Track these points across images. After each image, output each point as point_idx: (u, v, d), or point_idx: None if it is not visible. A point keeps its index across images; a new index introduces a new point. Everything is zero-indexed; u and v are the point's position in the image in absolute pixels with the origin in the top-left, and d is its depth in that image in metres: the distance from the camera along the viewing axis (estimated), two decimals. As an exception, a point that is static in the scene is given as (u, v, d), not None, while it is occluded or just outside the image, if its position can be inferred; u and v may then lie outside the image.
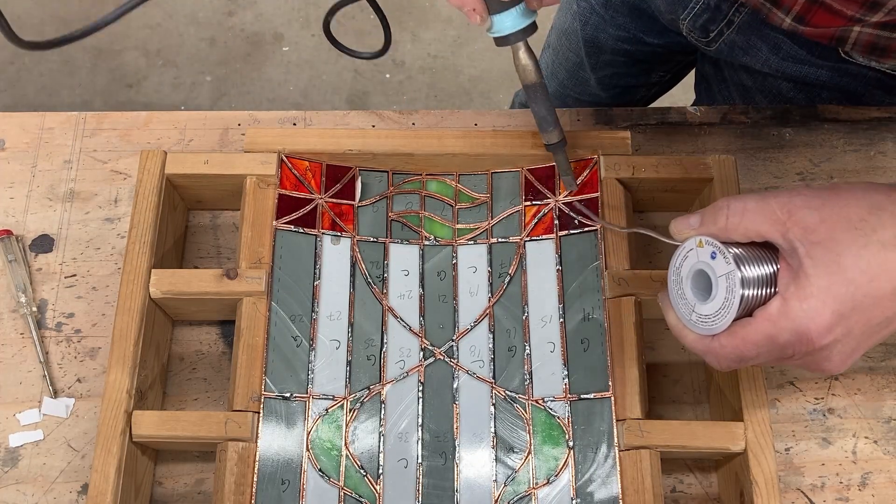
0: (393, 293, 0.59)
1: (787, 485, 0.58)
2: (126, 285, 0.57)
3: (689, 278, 0.48)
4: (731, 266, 0.45)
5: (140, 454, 0.56)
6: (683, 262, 0.48)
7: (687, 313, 0.48)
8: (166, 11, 1.70)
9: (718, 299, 0.46)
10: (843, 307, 0.42)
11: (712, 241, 0.46)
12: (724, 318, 0.45)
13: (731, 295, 0.45)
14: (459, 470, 0.55)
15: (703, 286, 0.47)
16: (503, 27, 0.52)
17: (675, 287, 0.49)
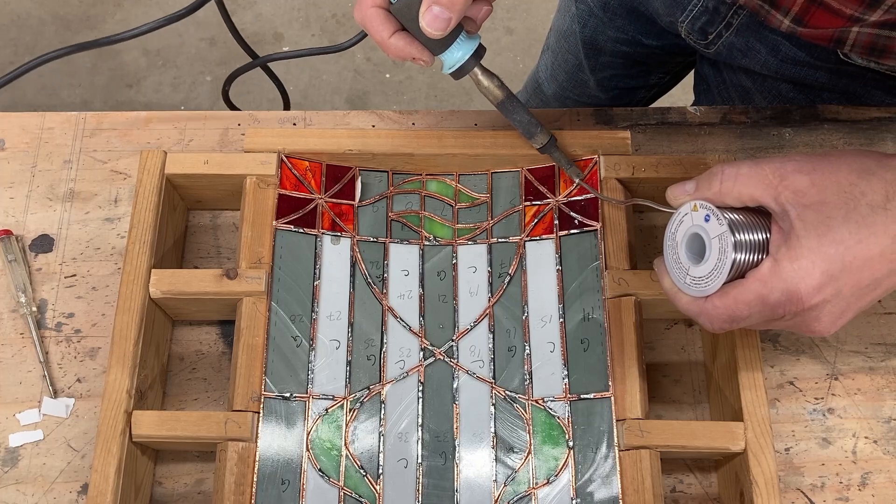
0: (393, 293, 0.59)
1: (787, 485, 0.58)
2: (126, 285, 0.57)
3: (683, 242, 0.49)
4: (723, 227, 0.46)
5: (140, 454, 0.56)
6: (679, 227, 0.49)
7: (681, 277, 0.49)
8: (166, 11, 1.70)
9: (711, 260, 0.47)
10: (833, 268, 0.43)
11: (706, 205, 0.47)
12: (717, 278, 0.46)
13: (723, 256, 0.46)
14: (459, 470, 0.55)
15: (697, 250, 0.48)
16: (453, 62, 0.52)
17: (670, 252, 0.50)
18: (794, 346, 0.62)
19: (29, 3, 1.70)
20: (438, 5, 0.48)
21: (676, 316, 0.62)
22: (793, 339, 0.62)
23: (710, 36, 0.71)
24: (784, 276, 0.44)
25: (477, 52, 0.52)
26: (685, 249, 0.49)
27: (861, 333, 0.62)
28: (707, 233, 0.47)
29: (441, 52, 0.52)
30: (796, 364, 0.61)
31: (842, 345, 0.62)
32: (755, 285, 0.45)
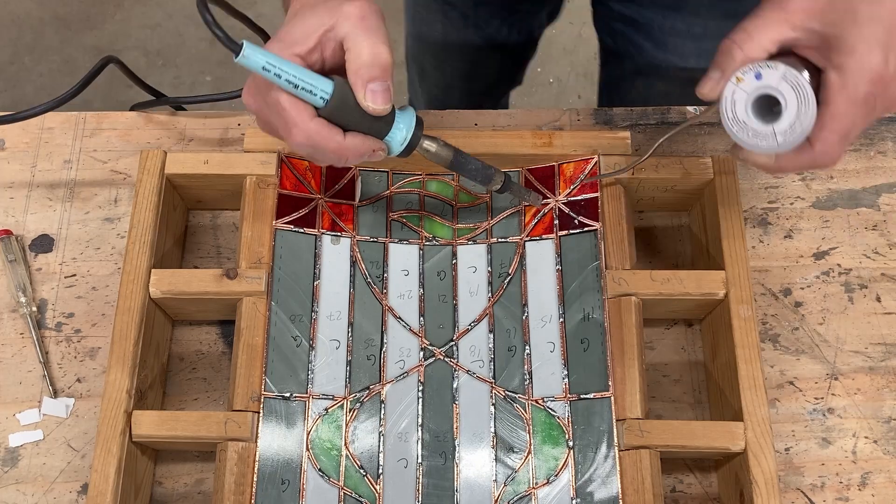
0: (393, 293, 0.59)
1: (787, 485, 0.58)
2: (126, 285, 0.57)
3: (749, 113, 0.48)
4: (781, 67, 0.46)
5: (140, 454, 0.56)
6: (735, 108, 0.48)
7: (771, 143, 0.48)
8: (166, 11, 1.70)
9: (791, 102, 0.46)
10: (882, 37, 0.45)
11: (749, 66, 0.47)
12: (808, 113, 0.46)
13: (799, 88, 0.46)
14: (459, 470, 0.55)
15: (767, 111, 0.48)
16: (402, 138, 0.51)
17: (744, 134, 0.48)
18: (794, 346, 0.62)
19: (29, 3, 1.70)
20: (374, 81, 0.47)
21: (676, 316, 0.62)
22: (793, 339, 0.62)
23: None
24: (855, 69, 0.45)
25: (418, 123, 0.51)
26: (756, 119, 0.48)
27: (861, 333, 0.62)
28: (769, 86, 0.47)
29: (388, 134, 0.50)
30: (796, 364, 0.61)
31: (842, 345, 0.62)
32: (840, 95, 0.45)
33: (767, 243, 0.65)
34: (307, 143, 0.48)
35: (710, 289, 0.57)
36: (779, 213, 0.66)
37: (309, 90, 0.47)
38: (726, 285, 0.57)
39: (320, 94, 0.47)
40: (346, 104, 0.48)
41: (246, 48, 0.46)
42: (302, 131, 0.48)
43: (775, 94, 0.47)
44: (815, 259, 0.64)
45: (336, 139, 0.48)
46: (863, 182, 0.67)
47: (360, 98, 0.47)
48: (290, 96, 0.47)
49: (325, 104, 0.48)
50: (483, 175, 0.56)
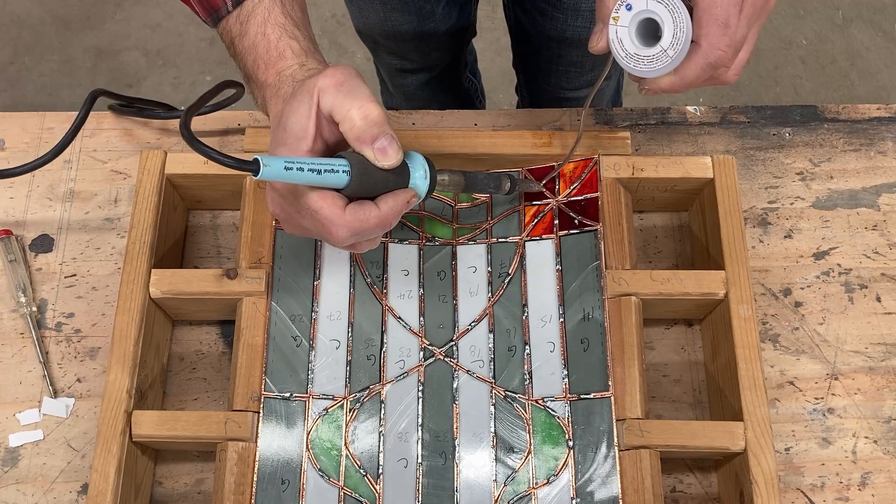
0: (393, 293, 0.59)
1: (787, 484, 0.58)
2: (126, 285, 0.57)
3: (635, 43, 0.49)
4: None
5: (140, 454, 0.56)
6: (622, 44, 0.50)
7: (665, 60, 0.49)
8: (166, 11, 1.70)
9: (665, 15, 0.48)
10: None
11: (618, 3, 0.49)
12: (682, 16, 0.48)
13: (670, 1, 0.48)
14: (459, 470, 0.55)
15: (650, 35, 0.49)
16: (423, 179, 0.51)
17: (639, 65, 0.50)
18: (795, 346, 0.62)
19: (29, 3, 1.70)
20: (378, 138, 0.47)
21: (676, 316, 0.62)
22: (793, 339, 0.62)
23: None
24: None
25: (429, 165, 0.51)
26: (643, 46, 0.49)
27: (861, 333, 0.62)
28: (641, 9, 0.49)
29: (410, 181, 0.50)
30: (796, 364, 0.61)
31: (842, 345, 0.62)
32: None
33: (767, 243, 0.65)
34: (352, 234, 0.48)
35: (710, 289, 0.57)
36: (779, 213, 0.66)
37: (332, 170, 0.46)
38: (726, 285, 0.57)
39: (341, 170, 0.47)
40: (367, 171, 0.47)
41: (262, 160, 0.45)
42: (343, 226, 0.48)
43: (648, 14, 0.49)
44: (815, 259, 0.64)
45: (374, 214, 0.48)
46: (863, 182, 0.67)
47: (372, 159, 0.47)
48: (319, 194, 0.47)
49: (349, 178, 0.47)
50: (494, 184, 0.57)
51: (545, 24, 0.87)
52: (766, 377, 0.56)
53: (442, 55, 1.02)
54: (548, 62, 0.94)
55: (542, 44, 0.91)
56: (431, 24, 0.93)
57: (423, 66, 1.03)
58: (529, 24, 0.90)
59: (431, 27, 0.93)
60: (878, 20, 1.66)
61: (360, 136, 0.47)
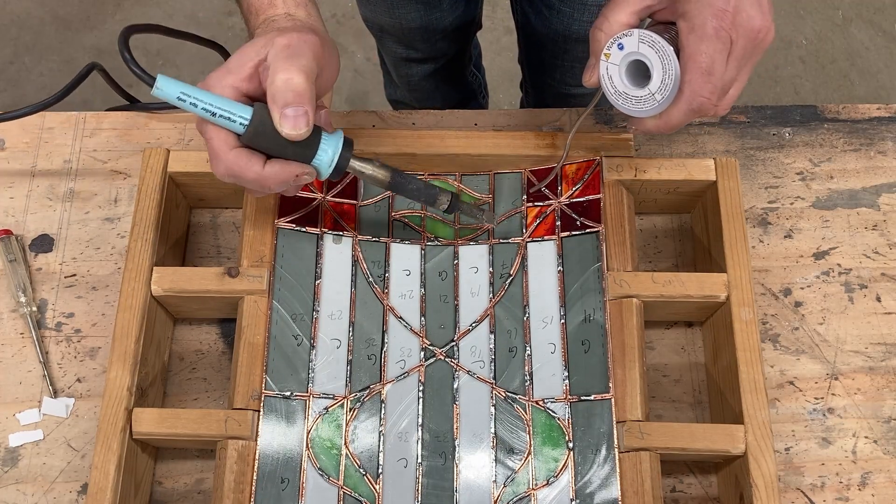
0: (394, 293, 0.59)
1: (787, 484, 0.58)
2: (128, 283, 0.57)
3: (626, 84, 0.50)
4: (633, 32, 0.49)
5: (140, 451, 0.56)
6: (612, 82, 0.50)
7: (652, 103, 0.50)
8: (166, 11, 1.70)
9: (654, 59, 0.48)
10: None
11: (611, 42, 0.50)
12: (671, 63, 0.48)
13: (655, 43, 0.48)
14: (459, 470, 0.55)
15: (641, 76, 0.50)
16: (328, 160, 0.50)
17: (627, 104, 0.50)
18: (795, 346, 0.62)
19: (29, 3, 1.70)
20: (289, 106, 0.47)
21: (677, 318, 0.62)
22: (793, 339, 0.62)
23: None
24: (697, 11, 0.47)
25: (346, 143, 0.51)
26: (633, 87, 0.50)
27: (861, 333, 0.62)
28: (632, 52, 0.49)
29: (313, 158, 0.50)
30: (796, 364, 0.61)
31: (842, 345, 0.62)
32: (690, 37, 0.48)
33: (767, 243, 0.65)
34: (227, 174, 0.49)
35: (712, 291, 0.57)
36: (779, 213, 0.66)
37: (227, 117, 0.48)
38: (728, 288, 0.57)
39: (240, 120, 0.48)
40: (265, 129, 0.48)
41: (159, 80, 0.47)
42: (222, 162, 0.49)
43: (639, 57, 0.49)
44: (815, 259, 0.64)
45: (254, 169, 0.49)
46: (863, 182, 0.67)
47: (276, 122, 0.48)
48: (214, 127, 0.49)
49: (244, 130, 0.48)
50: (426, 195, 0.55)
51: (552, 17, 0.87)
52: (766, 377, 0.56)
53: (447, 46, 1.02)
54: (553, 57, 0.94)
55: (548, 38, 0.91)
56: (438, 14, 0.93)
57: (428, 56, 1.03)
58: (536, 17, 0.91)
59: (438, 17, 0.94)
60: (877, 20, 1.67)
61: (274, 97, 0.48)
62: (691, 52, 0.48)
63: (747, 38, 0.48)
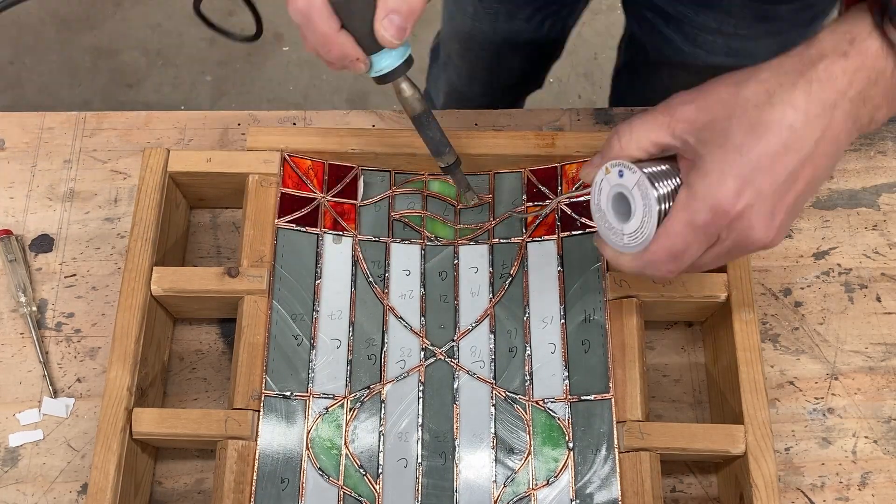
0: (394, 293, 0.59)
1: (787, 484, 0.58)
2: (128, 282, 0.57)
3: (609, 206, 0.49)
4: (637, 173, 0.46)
5: (140, 451, 0.56)
6: (600, 196, 0.49)
7: (618, 240, 0.49)
8: (166, 11, 1.70)
9: (638, 209, 0.47)
10: (743, 170, 0.43)
11: (617, 162, 0.48)
12: (649, 224, 0.46)
13: (647, 199, 0.46)
14: (459, 470, 0.55)
15: (625, 209, 0.48)
16: (383, 66, 0.50)
17: (602, 223, 0.50)
18: (795, 346, 0.62)
19: (29, 3, 1.70)
20: (398, 14, 0.47)
21: (678, 318, 0.62)
22: (793, 339, 0.62)
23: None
24: (700, 195, 0.44)
25: (407, 61, 0.51)
26: (613, 213, 0.49)
27: (861, 333, 0.62)
28: (625, 187, 0.47)
29: (375, 53, 0.50)
30: (796, 364, 0.61)
31: (842, 345, 0.62)
32: (679, 214, 0.45)
33: (768, 244, 0.65)
34: (302, 12, 0.47)
35: (712, 291, 0.57)
36: (779, 214, 0.66)
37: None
38: (728, 288, 0.57)
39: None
40: (354, 3, 0.47)
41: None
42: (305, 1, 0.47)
43: (628, 196, 0.47)
44: (815, 259, 0.64)
45: (330, 26, 0.47)
46: (863, 182, 0.67)
47: (378, 19, 0.47)
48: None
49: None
50: (437, 147, 0.55)
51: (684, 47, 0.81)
52: (766, 377, 0.56)
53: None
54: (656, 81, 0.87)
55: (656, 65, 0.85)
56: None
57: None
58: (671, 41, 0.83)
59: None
60: (877, 21, 1.66)
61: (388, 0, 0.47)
62: (670, 229, 0.45)
63: (738, 243, 0.45)
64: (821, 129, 0.43)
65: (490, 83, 0.99)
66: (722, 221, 0.44)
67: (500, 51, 0.92)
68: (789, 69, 0.44)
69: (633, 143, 0.47)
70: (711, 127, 0.44)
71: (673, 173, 0.47)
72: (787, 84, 0.43)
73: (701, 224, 0.44)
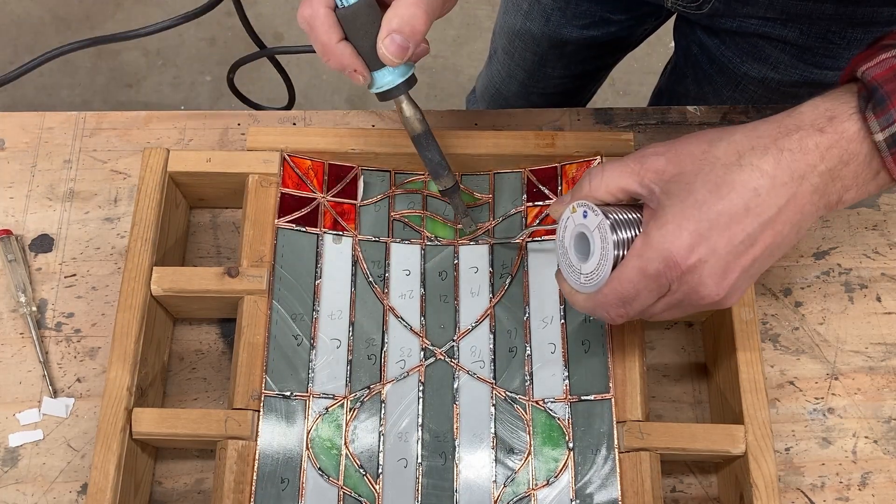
0: (394, 293, 0.59)
1: (787, 484, 0.58)
2: (127, 282, 0.57)
3: (571, 245, 0.50)
4: (599, 216, 0.47)
5: (140, 451, 0.56)
6: (565, 233, 0.50)
7: (576, 278, 0.49)
8: (166, 12, 1.70)
9: (596, 251, 0.47)
10: (700, 227, 0.44)
11: (583, 203, 0.49)
12: (604, 267, 0.47)
13: (605, 242, 0.47)
14: (459, 470, 0.55)
15: (585, 249, 0.49)
16: (384, 82, 0.51)
17: (563, 260, 0.51)
18: (794, 346, 0.62)
19: (29, 3, 1.70)
20: (400, 34, 0.47)
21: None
22: (793, 339, 0.62)
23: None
24: (655, 244, 0.44)
25: (409, 80, 0.52)
26: (574, 251, 0.50)
27: (861, 333, 0.62)
28: (587, 227, 0.48)
29: (377, 69, 0.51)
30: (796, 364, 0.61)
31: (842, 345, 0.62)
32: (632, 261, 0.45)
33: (768, 244, 0.65)
34: (307, 20, 0.49)
35: (711, 289, 0.57)
36: (779, 214, 0.66)
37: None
38: (727, 286, 0.57)
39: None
40: (357, 19, 0.49)
41: None
42: (309, 9, 0.48)
43: (589, 236, 0.48)
44: (815, 259, 0.64)
45: (330, 37, 0.49)
46: (863, 183, 0.67)
47: (380, 37, 0.48)
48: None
49: (341, 6, 0.49)
50: (435, 169, 0.56)
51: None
52: (766, 377, 0.56)
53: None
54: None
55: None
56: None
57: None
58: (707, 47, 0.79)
59: None
60: (877, 21, 1.66)
61: (392, 20, 0.47)
62: (622, 275, 0.46)
63: (688, 296, 0.45)
64: (786, 197, 0.44)
65: (528, 86, 0.97)
66: (673, 273, 0.44)
67: (545, 55, 0.90)
68: (763, 134, 0.45)
69: (602, 187, 0.48)
70: (678, 180, 0.45)
71: (635, 222, 0.48)
72: (759, 148, 0.44)
73: (652, 273, 0.45)
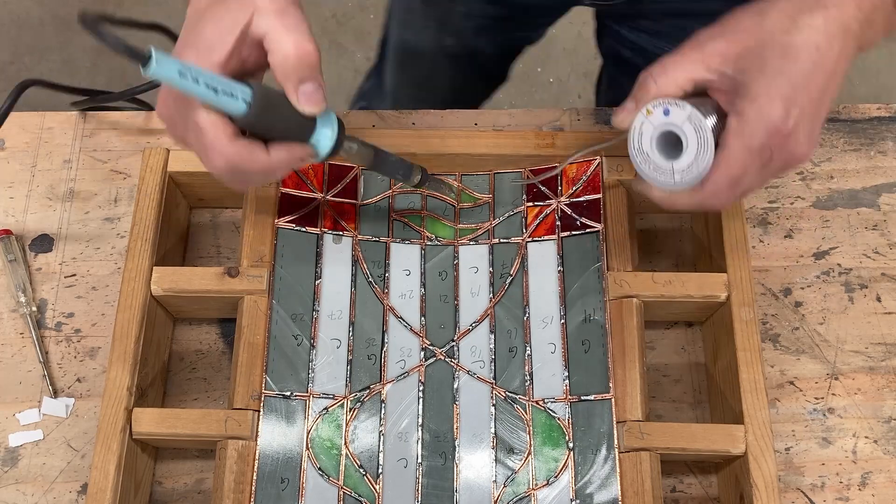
0: (394, 293, 0.59)
1: (787, 484, 0.58)
2: (127, 283, 0.57)
3: (653, 147, 0.49)
4: (687, 108, 0.47)
5: (140, 451, 0.56)
6: (641, 138, 0.49)
7: (669, 179, 0.49)
8: (166, 12, 1.70)
9: (692, 143, 0.47)
10: (786, 91, 0.45)
11: (659, 101, 0.48)
12: (705, 157, 0.47)
13: (701, 132, 0.47)
14: (459, 470, 0.55)
15: (671, 147, 0.48)
16: (328, 139, 0.48)
17: (645, 165, 0.50)
18: (795, 346, 0.62)
19: (29, 3, 1.70)
20: (305, 83, 0.44)
21: (677, 317, 0.62)
22: (793, 339, 0.62)
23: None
24: (753, 119, 0.45)
25: (340, 122, 0.49)
26: (659, 153, 0.49)
27: (861, 333, 0.62)
28: (673, 123, 0.48)
29: (313, 136, 0.47)
30: (796, 364, 0.61)
31: (842, 345, 0.62)
32: (735, 140, 0.46)
33: (767, 243, 0.65)
34: (227, 168, 0.45)
35: (712, 291, 0.57)
36: (779, 213, 0.66)
37: (230, 94, 0.43)
38: (728, 288, 0.57)
39: (241, 96, 0.43)
40: (268, 109, 0.44)
41: (155, 57, 0.39)
42: (221, 155, 0.44)
43: (679, 132, 0.48)
44: (815, 259, 0.64)
45: (261, 158, 0.45)
46: (863, 182, 0.67)
47: (294, 102, 0.45)
48: (209, 114, 0.43)
49: (247, 109, 0.43)
50: (404, 170, 0.55)
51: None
52: (766, 377, 0.56)
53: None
54: None
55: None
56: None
57: None
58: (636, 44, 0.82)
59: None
60: (877, 21, 1.66)
61: (289, 74, 0.44)
62: (729, 156, 0.46)
63: (785, 160, 0.47)
64: (839, 48, 0.46)
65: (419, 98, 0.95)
66: (775, 142, 0.46)
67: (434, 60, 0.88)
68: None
69: (670, 83, 0.48)
70: (746, 55, 0.46)
71: (714, 107, 0.48)
72: (806, 10, 0.46)
73: (757, 147, 0.46)
